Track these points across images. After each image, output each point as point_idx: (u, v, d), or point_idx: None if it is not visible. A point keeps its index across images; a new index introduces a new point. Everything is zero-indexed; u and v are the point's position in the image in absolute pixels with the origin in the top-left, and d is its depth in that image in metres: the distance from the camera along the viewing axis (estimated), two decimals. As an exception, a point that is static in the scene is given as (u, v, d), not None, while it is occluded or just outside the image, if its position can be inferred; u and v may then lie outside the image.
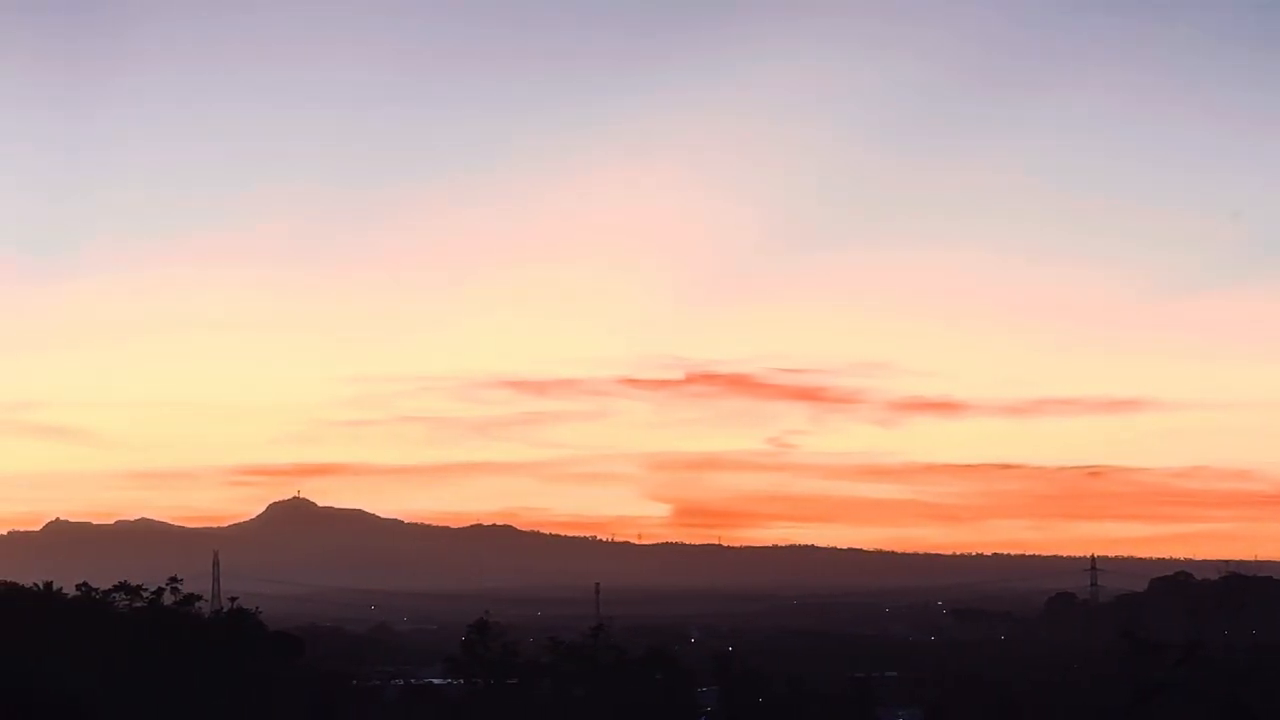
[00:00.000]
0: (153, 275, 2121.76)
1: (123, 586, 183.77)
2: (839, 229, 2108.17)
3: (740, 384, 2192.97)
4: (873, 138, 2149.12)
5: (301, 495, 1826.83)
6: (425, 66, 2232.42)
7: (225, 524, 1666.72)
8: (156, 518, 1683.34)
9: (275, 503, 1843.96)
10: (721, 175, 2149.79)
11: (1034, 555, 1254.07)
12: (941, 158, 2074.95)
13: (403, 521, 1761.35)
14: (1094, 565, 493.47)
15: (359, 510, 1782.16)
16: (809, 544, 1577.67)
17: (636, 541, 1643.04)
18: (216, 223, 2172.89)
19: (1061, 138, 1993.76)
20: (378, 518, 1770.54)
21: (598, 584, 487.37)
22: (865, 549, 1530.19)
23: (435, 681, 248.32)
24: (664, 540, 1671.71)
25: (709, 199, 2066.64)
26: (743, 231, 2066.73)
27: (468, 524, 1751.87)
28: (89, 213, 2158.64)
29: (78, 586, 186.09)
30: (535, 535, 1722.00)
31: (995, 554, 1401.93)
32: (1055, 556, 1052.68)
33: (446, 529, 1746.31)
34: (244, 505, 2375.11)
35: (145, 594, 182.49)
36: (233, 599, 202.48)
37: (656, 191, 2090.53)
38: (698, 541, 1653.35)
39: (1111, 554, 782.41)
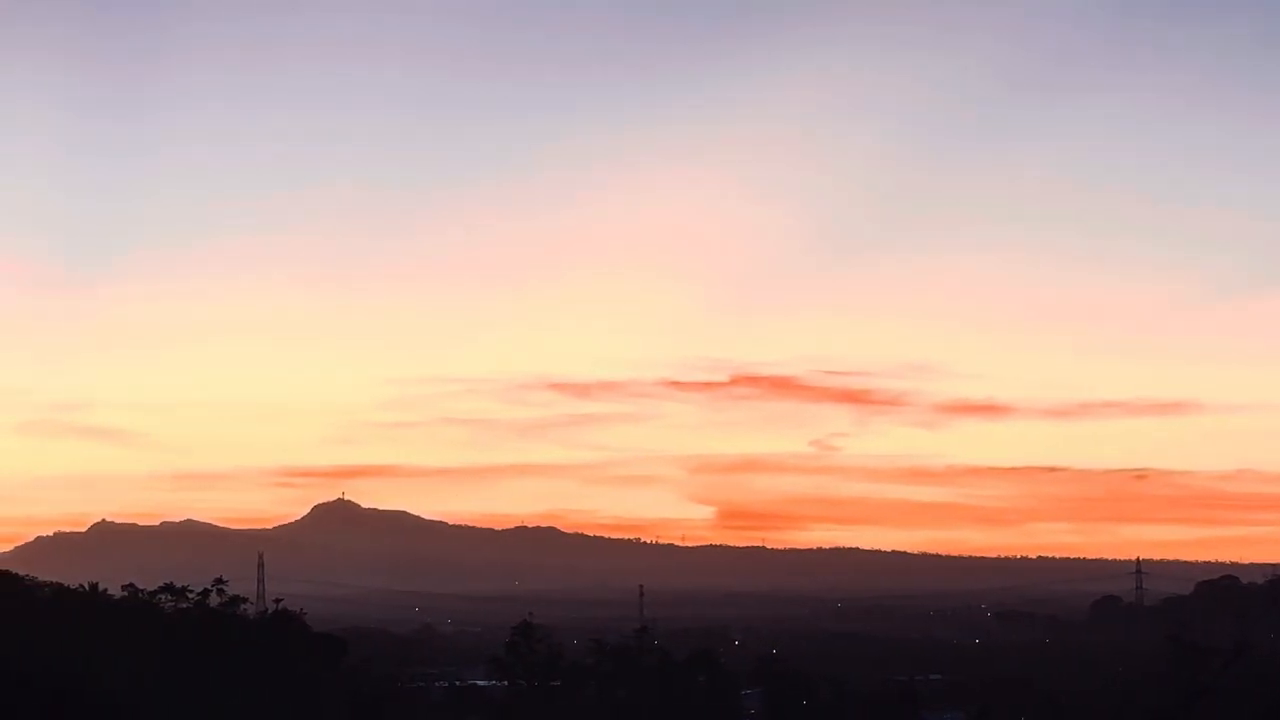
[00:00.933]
0: (197, 278, 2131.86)
1: (168, 588, 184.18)
2: (883, 232, 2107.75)
3: (784, 386, 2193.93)
4: (916, 141, 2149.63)
5: (345, 497, 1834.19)
6: (470, 71, 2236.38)
7: (270, 525, 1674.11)
8: (201, 519, 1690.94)
9: (319, 504, 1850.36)
10: (765, 179, 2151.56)
11: (1078, 558, 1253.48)
12: (986, 160, 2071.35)
13: (446, 523, 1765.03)
14: (1139, 568, 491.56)
15: (403, 512, 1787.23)
16: (852, 546, 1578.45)
17: (680, 543, 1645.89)
18: (261, 226, 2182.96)
19: (1107, 140, 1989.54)
20: (421, 519, 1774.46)
21: (641, 586, 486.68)
22: (909, 551, 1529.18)
23: (479, 683, 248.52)
24: (707, 542, 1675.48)
25: (752, 202, 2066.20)
26: (786, 234, 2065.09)
27: (511, 526, 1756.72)
28: (133, 216, 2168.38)
29: (124, 587, 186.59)
30: (579, 537, 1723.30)
31: (1039, 557, 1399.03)
32: (1100, 559, 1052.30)
33: (490, 531, 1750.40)
34: (288, 506, 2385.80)
35: (191, 595, 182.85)
36: (277, 600, 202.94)
37: (700, 195, 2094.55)
38: (741, 544, 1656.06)
39: (1157, 557, 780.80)
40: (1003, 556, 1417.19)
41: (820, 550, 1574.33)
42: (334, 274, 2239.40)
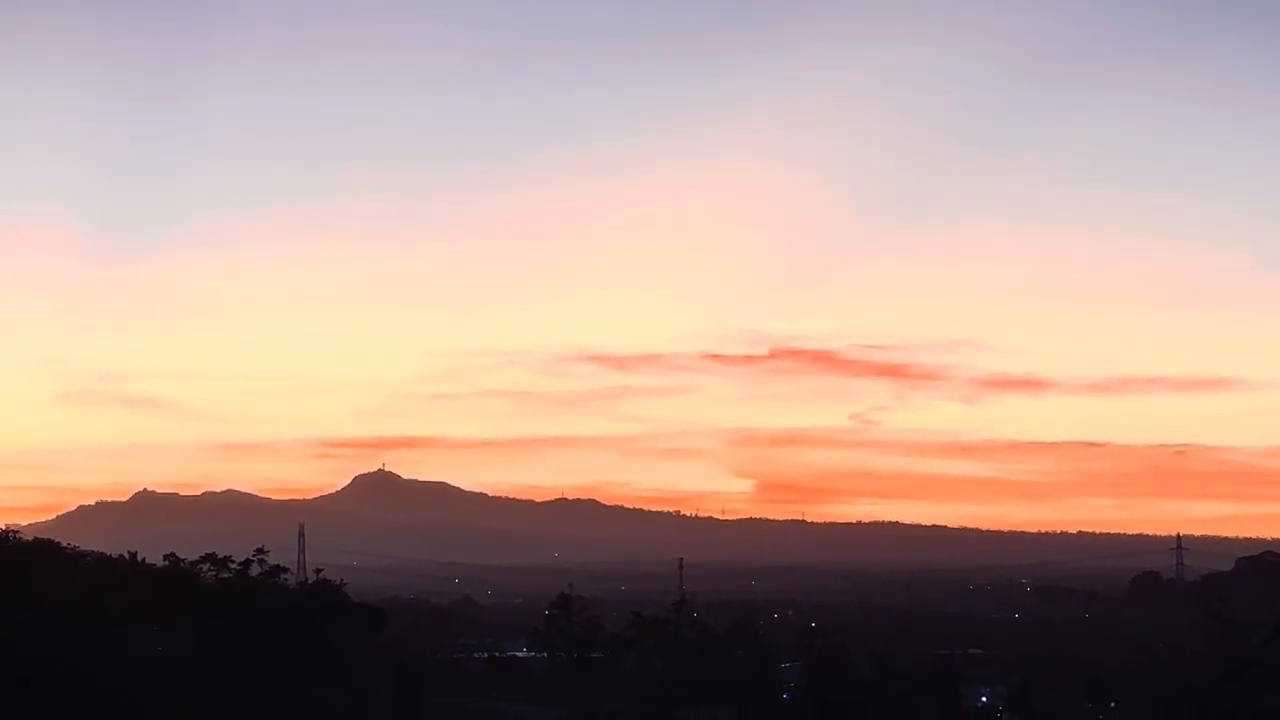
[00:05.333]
0: (240, 250, 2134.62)
1: (209, 557, 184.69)
2: (923, 206, 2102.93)
3: (824, 360, 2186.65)
4: (958, 116, 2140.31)
5: (386, 468, 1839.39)
6: (509, 46, 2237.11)
7: (311, 496, 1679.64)
8: (243, 489, 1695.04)
9: (360, 475, 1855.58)
10: (807, 152, 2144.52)
11: (1119, 534, 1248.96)
12: (1028, 135, 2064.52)
13: (486, 495, 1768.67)
14: (1179, 544, 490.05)
15: (443, 483, 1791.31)
16: (892, 520, 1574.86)
17: (720, 517, 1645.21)
18: (303, 198, 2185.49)
19: (1150, 114, 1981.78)
20: (462, 491, 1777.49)
21: (680, 559, 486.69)
22: (949, 526, 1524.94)
23: (519, 655, 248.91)
24: (747, 516, 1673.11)
25: (793, 176, 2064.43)
26: (827, 208, 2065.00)
27: (551, 498, 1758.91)
28: (177, 190, 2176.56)
29: (165, 557, 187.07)
30: (618, 510, 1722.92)
31: (1080, 532, 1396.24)
32: (1140, 535, 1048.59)
33: (530, 502, 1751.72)
34: (329, 477, 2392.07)
35: (232, 565, 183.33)
36: (318, 571, 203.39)
37: (741, 169, 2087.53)
38: (781, 517, 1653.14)
39: (1197, 533, 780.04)
40: (1042, 532, 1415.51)
41: (860, 524, 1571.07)
42: (376, 247, 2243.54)
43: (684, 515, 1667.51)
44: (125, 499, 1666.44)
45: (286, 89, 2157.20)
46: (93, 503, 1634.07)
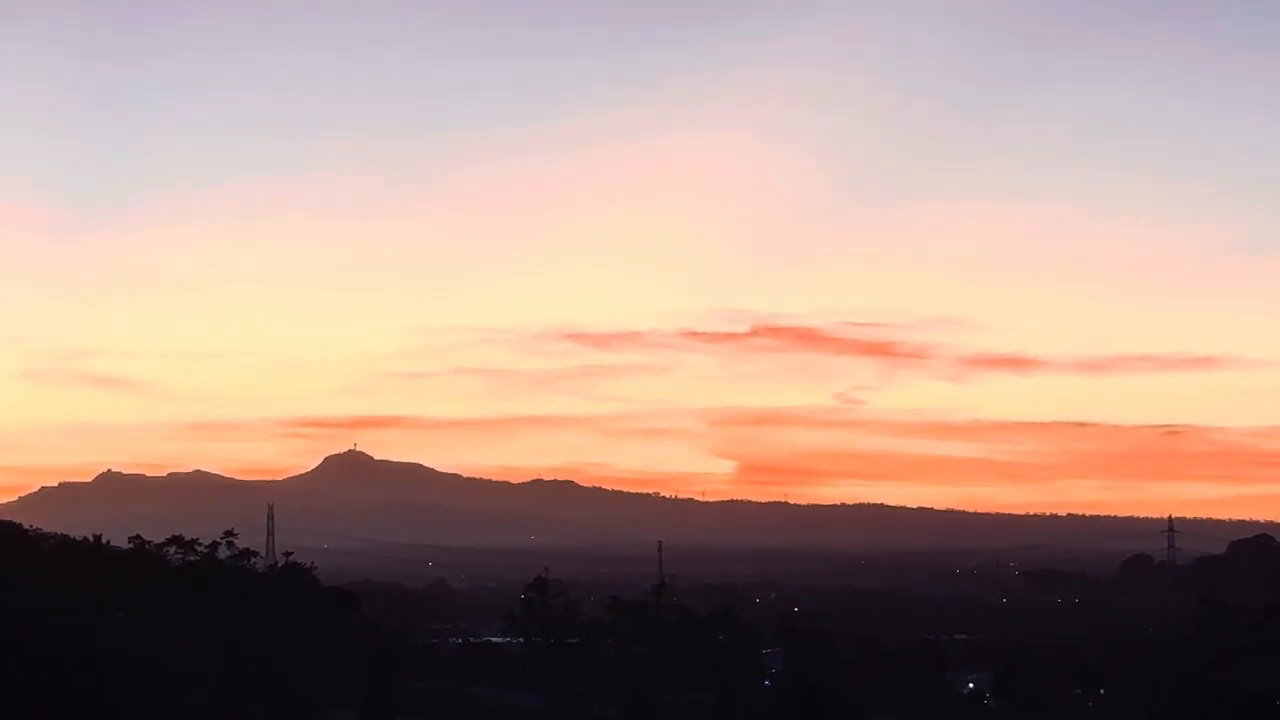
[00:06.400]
0: (209, 225, 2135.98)
1: (176, 540, 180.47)
2: (909, 182, 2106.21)
3: (807, 338, 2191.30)
4: (943, 90, 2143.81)
5: (358, 448, 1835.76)
6: (489, 18, 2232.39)
7: (280, 476, 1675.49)
8: (210, 470, 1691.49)
9: (331, 455, 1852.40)
10: (788, 128, 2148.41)
11: (1109, 516, 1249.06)
12: (1014, 110, 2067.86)
13: (461, 476, 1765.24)
14: (1171, 527, 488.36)
15: (416, 464, 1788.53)
16: (877, 502, 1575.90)
17: (700, 498, 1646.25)
18: (273, 174, 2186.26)
19: (1140, 89, 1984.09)
20: (435, 472, 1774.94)
21: (660, 541, 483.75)
22: (935, 508, 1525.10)
23: (494, 640, 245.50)
24: (728, 497, 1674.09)
25: (776, 151, 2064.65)
26: (810, 184, 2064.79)
27: (528, 479, 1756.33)
28: (145, 165, 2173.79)
29: (130, 539, 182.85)
30: (597, 491, 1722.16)
31: (1069, 514, 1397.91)
32: (1131, 517, 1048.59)
33: (506, 484, 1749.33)
34: (299, 458, 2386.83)
35: (199, 548, 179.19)
36: (287, 554, 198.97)
37: (722, 144, 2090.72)
38: (763, 499, 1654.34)
39: (1189, 515, 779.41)
40: (1031, 514, 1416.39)
41: (843, 506, 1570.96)
42: (348, 222, 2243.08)
43: (663, 497, 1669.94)
44: (89, 479, 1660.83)
45: (257, 60, 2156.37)
46: (56, 483, 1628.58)
